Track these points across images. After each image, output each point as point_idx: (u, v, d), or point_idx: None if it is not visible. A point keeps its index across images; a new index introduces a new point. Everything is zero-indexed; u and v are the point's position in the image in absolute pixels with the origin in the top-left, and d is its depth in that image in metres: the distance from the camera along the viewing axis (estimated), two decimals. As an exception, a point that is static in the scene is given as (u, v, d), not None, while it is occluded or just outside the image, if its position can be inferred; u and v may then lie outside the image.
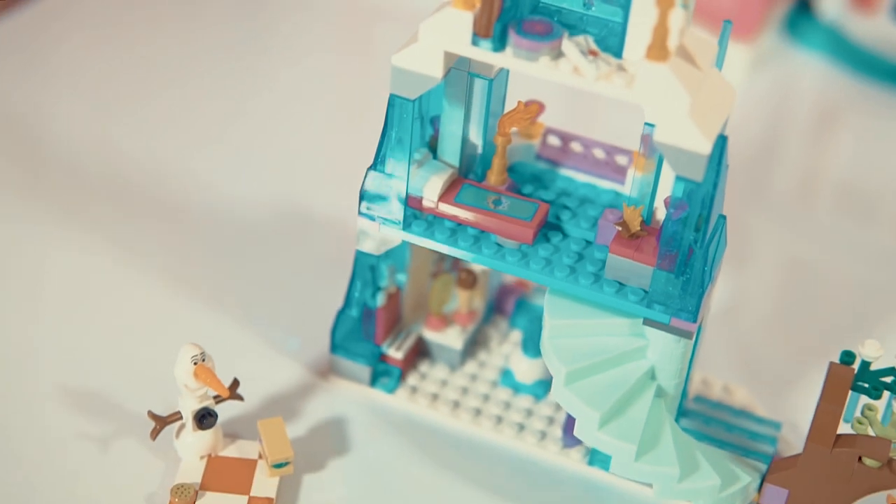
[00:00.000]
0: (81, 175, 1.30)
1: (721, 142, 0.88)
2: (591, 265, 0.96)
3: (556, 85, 0.91)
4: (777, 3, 1.59)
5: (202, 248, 1.22)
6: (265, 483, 0.99)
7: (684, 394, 1.02)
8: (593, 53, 0.87)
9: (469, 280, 1.08)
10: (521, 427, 1.06)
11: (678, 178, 0.88)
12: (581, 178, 1.04)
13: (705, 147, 0.85)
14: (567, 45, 0.87)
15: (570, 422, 1.04)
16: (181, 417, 0.99)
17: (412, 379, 1.10)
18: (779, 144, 1.51)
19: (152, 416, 0.98)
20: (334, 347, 1.08)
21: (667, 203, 0.94)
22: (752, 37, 1.53)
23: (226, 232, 1.24)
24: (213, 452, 1.00)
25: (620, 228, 0.95)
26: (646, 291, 0.94)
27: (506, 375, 1.10)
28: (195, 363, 0.96)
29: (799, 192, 1.44)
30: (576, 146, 1.04)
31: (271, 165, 1.35)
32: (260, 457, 1.01)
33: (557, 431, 1.06)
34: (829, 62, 1.60)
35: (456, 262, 1.11)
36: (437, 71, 0.90)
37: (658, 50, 0.83)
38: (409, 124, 0.94)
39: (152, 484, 0.99)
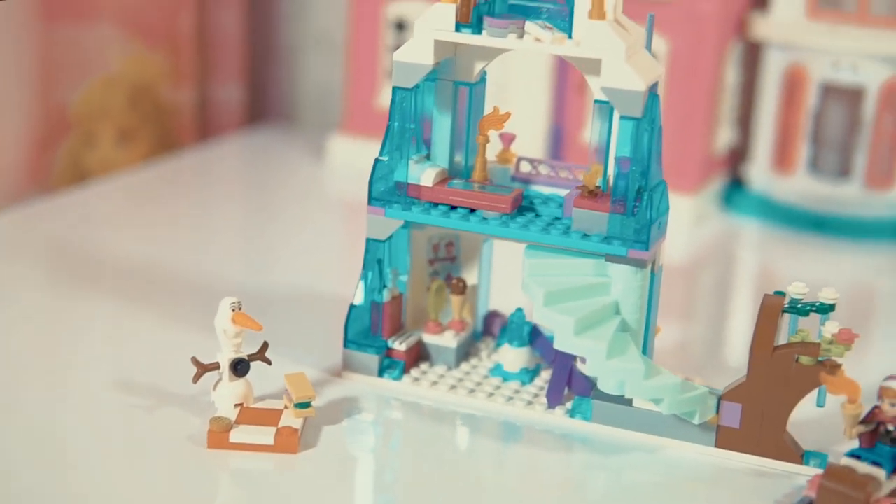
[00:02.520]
0: (146, 279, 1.52)
1: (654, 100, 1.13)
2: (561, 226, 1.18)
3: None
4: (714, 167, 1.87)
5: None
6: (291, 421, 1.14)
7: (646, 339, 1.19)
8: (549, 28, 1.13)
9: (460, 286, 1.28)
10: (511, 398, 1.23)
11: (622, 124, 1.12)
12: (549, 190, 1.27)
13: (640, 85, 1.10)
14: (528, 24, 1.13)
15: (552, 387, 1.21)
16: (219, 367, 1.16)
17: (414, 373, 1.26)
18: (718, 282, 1.74)
19: (196, 362, 1.15)
20: (346, 342, 1.25)
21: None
22: (693, 191, 1.80)
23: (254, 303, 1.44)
24: (245, 403, 1.16)
25: (582, 189, 1.17)
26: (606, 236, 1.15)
27: (495, 368, 1.27)
28: (233, 310, 1.14)
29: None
30: (543, 168, 1.28)
31: (283, 271, 1.57)
32: (285, 407, 1.16)
33: (542, 401, 1.22)
34: (762, 222, 1.86)
35: (448, 275, 1.31)
36: (428, 59, 1.16)
37: (598, 11, 1.10)
38: (409, 114, 1.18)
39: (192, 428, 1.14)
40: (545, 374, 1.27)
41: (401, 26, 1.93)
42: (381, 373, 1.25)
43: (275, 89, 2.29)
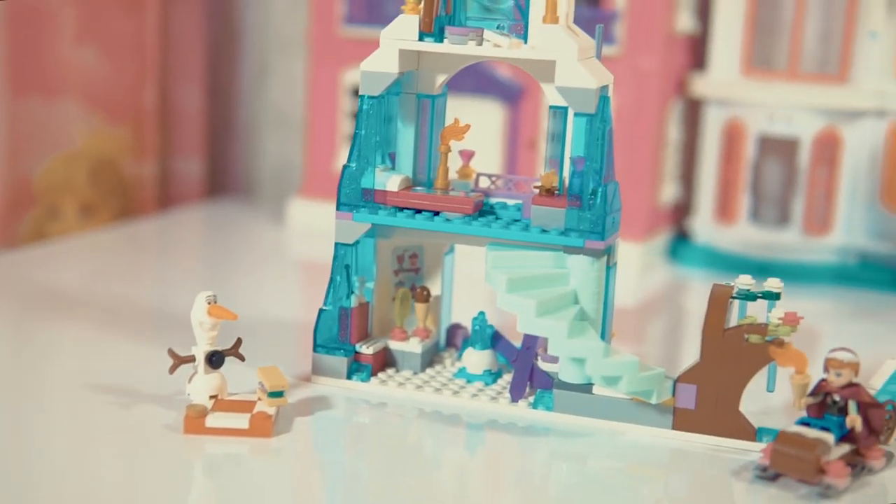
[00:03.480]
0: (112, 311, 1.56)
1: (605, 101, 1.21)
2: (521, 224, 1.24)
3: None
4: (660, 220, 1.95)
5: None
6: (265, 409, 1.18)
7: (604, 329, 1.25)
8: (506, 36, 1.21)
9: (423, 294, 1.34)
10: (475, 395, 1.28)
11: (577, 122, 1.20)
12: (508, 202, 1.34)
13: (592, 83, 1.18)
14: (487, 32, 1.22)
15: (515, 383, 1.26)
16: (194, 359, 1.20)
17: (381, 376, 1.31)
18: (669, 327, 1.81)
19: (172, 353, 1.20)
20: (316, 347, 1.30)
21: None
22: (640, 239, 1.88)
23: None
24: (219, 395, 1.20)
25: (539, 189, 1.24)
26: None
27: (459, 371, 1.32)
28: (209, 303, 1.19)
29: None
30: (501, 182, 1.35)
31: (246, 307, 1.61)
32: (259, 399, 1.20)
33: (506, 396, 1.27)
34: (707, 271, 1.93)
35: (413, 285, 1.36)
36: (394, 67, 1.24)
37: (551, 15, 1.18)
38: (375, 121, 1.25)
39: (167, 419, 1.18)
40: (507, 377, 1.32)
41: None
42: (349, 375, 1.30)
43: (234, 164, 2.37)
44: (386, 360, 1.33)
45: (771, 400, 1.25)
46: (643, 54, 1.85)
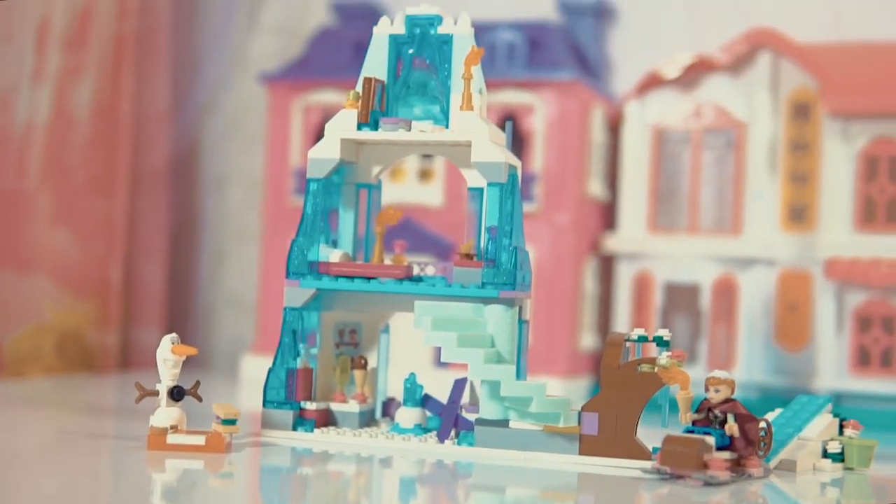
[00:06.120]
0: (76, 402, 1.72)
1: (514, 178, 1.44)
2: (444, 282, 1.45)
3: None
4: (581, 364, 2.15)
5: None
6: (220, 432, 1.34)
7: (518, 373, 1.43)
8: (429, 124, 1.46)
9: (361, 362, 1.52)
10: (406, 440, 1.44)
11: (490, 192, 1.42)
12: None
13: (501, 157, 1.41)
14: (415, 122, 1.46)
15: (442, 427, 1.43)
16: (158, 393, 1.36)
17: (323, 430, 1.47)
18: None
19: (139, 386, 1.36)
20: (265, 402, 1.47)
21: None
22: (563, 376, 2.07)
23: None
24: (179, 426, 1.36)
25: (460, 255, 1.45)
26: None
27: (393, 427, 1.49)
28: (173, 343, 1.37)
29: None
30: (430, 269, 1.56)
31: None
32: (214, 430, 1.36)
33: (434, 438, 1.44)
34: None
35: (351, 357, 1.54)
36: (336, 154, 1.47)
37: (467, 104, 1.43)
38: (321, 200, 1.47)
39: (133, 444, 1.34)
40: (436, 433, 1.49)
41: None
42: (294, 427, 1.46)
43: (192, 337, 2.55)
44: (328, 420, 1.50)
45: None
46: (558, 211, 2.10)
